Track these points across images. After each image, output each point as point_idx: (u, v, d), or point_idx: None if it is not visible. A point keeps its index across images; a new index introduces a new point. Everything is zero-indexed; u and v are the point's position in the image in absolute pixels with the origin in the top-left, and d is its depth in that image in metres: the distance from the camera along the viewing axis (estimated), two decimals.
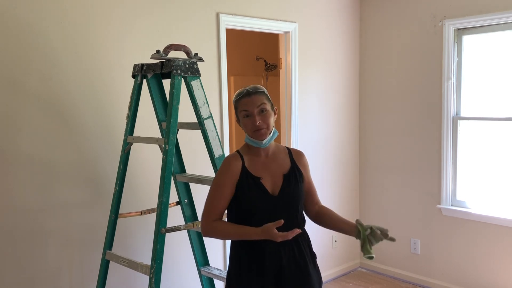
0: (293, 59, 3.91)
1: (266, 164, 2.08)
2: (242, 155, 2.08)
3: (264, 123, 1.99)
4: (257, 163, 2.07)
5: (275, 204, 2.02)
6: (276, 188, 2.04)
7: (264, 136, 2.01)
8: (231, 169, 2.04)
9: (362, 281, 4.41)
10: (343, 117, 4.45)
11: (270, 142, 2.06)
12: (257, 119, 1.98)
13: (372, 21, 4.42)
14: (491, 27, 3.72)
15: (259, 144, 2.03)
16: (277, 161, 2.10)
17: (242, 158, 2.06)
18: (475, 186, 3.95)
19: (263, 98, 2.01)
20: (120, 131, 2.78)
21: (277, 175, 2.06)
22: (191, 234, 2.76)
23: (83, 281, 2.82)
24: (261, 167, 2.06)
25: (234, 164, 2.05)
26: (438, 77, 3.99)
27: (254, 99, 2.00)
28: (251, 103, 1.99)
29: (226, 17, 3.41)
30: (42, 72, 2.61)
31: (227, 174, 2.04)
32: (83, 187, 2.80)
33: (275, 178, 2.06)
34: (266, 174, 2.05)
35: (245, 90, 2.03)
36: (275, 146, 2.14)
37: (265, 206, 2.01)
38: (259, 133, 2.00)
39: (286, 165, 2.10)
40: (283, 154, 2.14)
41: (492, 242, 3.80)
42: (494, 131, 3.82)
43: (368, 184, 4.60)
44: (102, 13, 2.81)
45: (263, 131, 2.00)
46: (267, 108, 2.01)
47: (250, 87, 2.04)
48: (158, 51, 2.33)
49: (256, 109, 1.99)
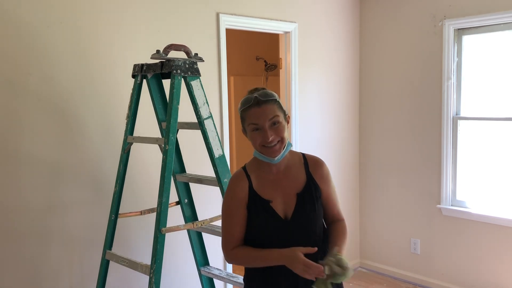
0: (293, 59, 3.91)
1: (277, 182, 1.82)
2: (249, 173, 1.84)
3: (277, 136, 1.73)
4: (267, 182, 1.83)
5: (289, 230, 1.78)
6: (289, 210, 1.79)
7: (277, 152, 1.75)
8: (237, 194, 1.82)
9: (362, 281, 4.41)
10: (343, 117, 4.45)
11: (283, 156, 1.80)
12: (270, 134, 1.71)
13: (372, 21, 4.42)
14: (491, 27, 3.72)
15: (270, 160, 1.78)
16: (290, 176, 1.83)
17: (249, 177, 1.83)
18: (475, 186, 3.95)
19: (275, 108, 1.73)
20: (120, 131, 2.78)
21: (290, 195, 1.81)
22: (191, 234, 2.76)
23: (83, 281, 2.82)
24: (271, 186, 1.82)
25: (239, 186, 1.82)
26: (438, 77, 3.99)
27: (265, 110, 1.71)
28: (261, 115, 1.70)
29: (226, 17, 3.40)
30: (43, 72, 2.61)
31: (233, 201, 1.83)
32: (83, 187, 2.80)
33: (288, 199, 1.80)
34: (277, 195, 1.81)
35: (253, 98, 1.72)
36: (289, 157, 1.87)
37: (277, 233, 1.78)
38: (271, 150, 1.74)
39: (300, 181, 1.83)
40: (297, 166, 1.86)
41: (492, 242, 3.80)
42: (494, 131, 3.82)
43: (368, 184, 4.60)
44: (102, 13, 2.81)
45: (276, 147, 1.74)
46: (280, 120, 1.73)
47: (260, 94, 1.73)
48: (158, 51, 2.33)
49: (267, 122, 1.71)
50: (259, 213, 1.80)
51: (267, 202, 1.80)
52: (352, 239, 4.66)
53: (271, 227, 1.79)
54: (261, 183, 1.83)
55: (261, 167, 1.85)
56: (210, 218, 2.44)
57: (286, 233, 1.78)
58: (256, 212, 1.80)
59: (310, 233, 1.81)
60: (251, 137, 1.78)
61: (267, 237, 1.79)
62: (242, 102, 1.77)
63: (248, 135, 1.79)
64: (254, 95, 1.74)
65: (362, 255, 4.72)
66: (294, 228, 1.78)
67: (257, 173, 1.85)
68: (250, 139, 1.79)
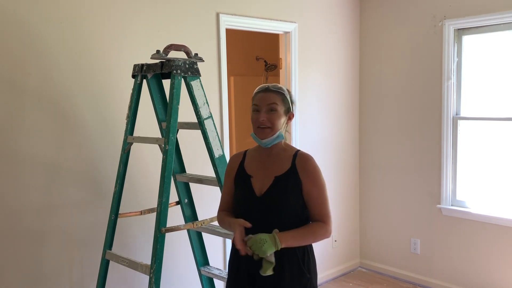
0: (293, 59, 3.91)
1: (264, 164, 2.02)
2: (247, 153, 2.11)
3: (268, 121, 1.94)
4: (256, 162, 2.05)
5: (257, 206, 1.95)
6: (264, 189, 1.97)
7: (265, 135, 1.96)
8: (230, 165, 2.13)
9: (362, 281, 4.41)
10: (343, 117, 4.45)
11: (272, 143, 1.99)
12: (263, 116, 1.94)
13: (372, 21, 4.42)
14: (491, 27, 3.72)
15: (259, 142, 2.00)
16: (276, 162, 2.01)
17: (245, 156, 2.10)
18: (475, 186, 3.95)
19: (278, 98, 1.96)
20: (120, 131, 2.78)
21: (270, 176, 1.98)
22: (191, 234, 2.76)
23: (83, 281, 2.82)
24: (257, 166, 2.03)
25: (233, 160, 2.12)
26: (438, 77, 3.99)
27: (268, 96, 1.96)
28: (263, 99, 1.96)
29: (226, 17, 3.41)
30: (42, 72, 2.61)
31: (227, 170, 2.14)
32: (83, 187, 2.80)
33: (267, 179, 1.98)
34: (259, 174, 2.01)
35: (265, 86, 2.00)
36: (283, 148, 2.04)
37: (247, 206, 1.98)
38: (261, 131, 1.96)
39: (283, 168, 1.98)
40: (287, 157, 2.01)
41: (492, 242, 3.80)
42: (494, 131, 3.82)
43: (368, 184, 4.60)
44: (102, 13, 2.81)
45: (266, 130, 1.95)
46: (277, 108, 1.95)
47: (272, 85, 2.01)
48: (158, 51, 2.33)
49: (265, 107, 1.95)
50: (239, 185, 2.04)
51: (248, 177, 2.02)
52: (352, 239, 4.66)
53: (245, 201, 2.00)
54: (250, 162, 2.07)
55: (257, 150, 2.09)
56: (210, 218, 2.44)
57: (257, 209, 1.95)
58: (238, 184, 2.05)
59: (279, 215, 1.93)
60: (251, 117, 2.01)
61: (242, 209, 1.99)
62: (257, 88, 2.04)
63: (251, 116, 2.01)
64: (268, 84, 2.01)
65: (362, 255, 4.72)
66: (263, 206, 1.94)
67: (252, 154, 2.10)
68: (251, 121, 2.01)
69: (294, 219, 1.95)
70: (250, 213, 1.95)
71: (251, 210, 1.96)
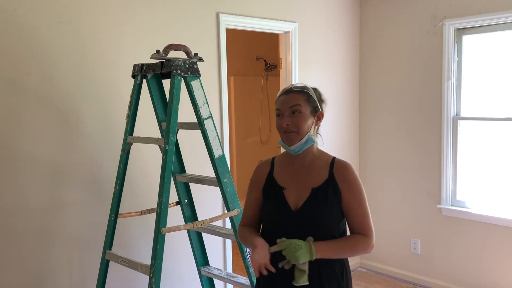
0: (293, 59, 3.91)
1: (297, 174, 1.85)
2: (275, 161, 1.93)
3: (293, 125, 1.78)
4: (287, 171, 1.87)
5: (294, 220, 1.77)
6: (300, 202, 1.79)
7: (292, 141, 1.79)
8: (256, 175, 1.94)
9: (362, 281, 4.41)
10: (343, 117, 4.45)
11: (302, 149, 1.82)
12: (286, 120, 1.78)
13: (372, 21, 4.42)
14: (491, 27, 3.72)
15: (288, 149, 1.83)
16: (312, 172, 1.83)
17: (273, 165, 1.92)
18: (475, 186, 3.95)
19: (301, 99, 1.80)
20: (120, 131, 2.78)
21: (306, 188, 1.80)
22: (191, 234, 2.76)
23: (83, 281, 2.82)
24: (290, 176, 1.85)
25: (260, 170, 1.93)
26: (438, 77, 3.99)
27: (290, 97, 1.80)
28: (285, 101, 1.80)
29: (226, 17, 3.40)
30: (42, 72, 2.61)
31: (252, 180, 1.95)
32: (83, 187, 2.80)
33: (302, 191, 1.80)
34: (292, 185, 1.83)
35: (288, 87, 1.85)
36: (316, 155, 1.88)
37: (281, 220, 1.79)
38: (286, 137, 1.79)
39: (320, 178, 1.81)
40: (323, 165, 1.85)
41: (492, 242, 3.80)
42: (494, 131, 3.82)
43: (368, 184, 4.60)
44: (102, 13, 2.81)
45: (292, 135, 1.78)
46: (301, 110, 1.78)
47: (294, 85, 1.86)
48: (158, 51, 2.33)
49: (288, 110, 1.79)
50: (270, 198, 1.85)
51: (280, 189, 1.83)
52: None
53: (278, 214, 1.81)
54: (281, 172, 1.88)
55: (286, 158, 1.91)
56: (210, 218, 2.44)
57: (293, 223, 1.77)
58: (268, 196, 1.86)
59: (318, 230, 1.76)
60: (276, 123, 1.85)
61: (274, 224, 1.81)
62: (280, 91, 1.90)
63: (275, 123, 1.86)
64: (291, 85, 1.86)
65: (362, 255, 4.72)
66: (301, 220, 1.77)
67: (282, 163, 1.91)
68: (276, 128, 1.86)
69: (332, 233, 1.80)
70: (285, 229, 1.77)
71: (285, 225, 1.78)
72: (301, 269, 1.69)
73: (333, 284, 1.81)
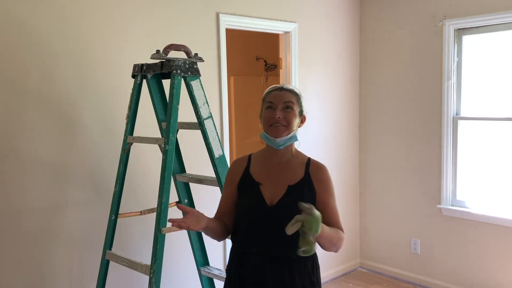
0: (293, 59, 3.91)
1: (274, 171, 1.89)
2: (252, 158, 1.97)
3: (284, 119, 1.84)
4: (264, 168, 1.91)
5: (269, 216, 1.82)
6: (275, 198, 1.84)
7: (280, 133, 1.84)
8: (232, 170, 1.98)
9: (362, 281, 4.41)
10: (343, 117, 4.45)
11: (286, 144, 1.88)
12: (279, 113, 1.84)
13: (372, 21, 4.42)
14: (491, 27, 3.72)
15: (272, 142, 1.86)
16: (288, 170, 1.89)
17: (249, 161, 1.96)
18: (475, 186, 3.95)
19: (293, 97, 1.88)
20: (120, 131, 2.78)
21: (282, 185, 1.86)
22: (191, 234, 2.76)
23: (83, 281, 2.82)
24: (266, 172, 1.90)
25: (236, 165, 1.97)
26: (438, 77, 3.99)
27: (284, 94, 1.88)
28: (279, 96, 1.87)
29: (226, 17, 3.40)
30: (42, 72, 2.61)
31: (228, 176, 2.00)
32: (83, 187, 2.80)
33: (278, 187, 1.86)
34: (269, 181, 1.87)
35: (279, 85, 1.94)
36: (293, 155, 1.94)
37: (257, 215, 1.84)
38: (275, 129, 1.84)
39: (297, 176, 1.88)
40: (298, 164, 1.91)
41: (492, 242, 3.80)
42: (494, 131, 3.82)
43: (368, 184, 4.60)
44: (102, 13, 2.81)
45: (281, 127, 1.84)
46: (293, 107, 1.87)
47: (285, 85, 1.94)
48: (158, 51, 2.33)
49: (281, 104, 1.85)
50: (246, 193, 1.89)
51: (256, 184, 1.88)
52: (352, 239, 4.66)
53: (254, 209, 1.85)
54: (257, 168, 1.93)
55: (264, 155, 1.95)
56: None
57: (268, 219, 1.82)
58: (244, 192, 1.90)
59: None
60: (264, 116, 1.88)
61: (250, 219, 1.84)
62: (269, 88, 1.95)
63: (262, 115, 1.90)
64: (282, 84, 1.95)
65: (362, 255, 4.72)
66: (276, 216, 1.81)
67: (259, 160, 1.95)
68: (262, 120, 1.89)
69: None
70: (259, 224, 1.83)
71: (261, 221, 1.83)
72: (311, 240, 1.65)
73: (305, 280, 1.86)
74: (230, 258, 1.99)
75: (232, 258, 1.96)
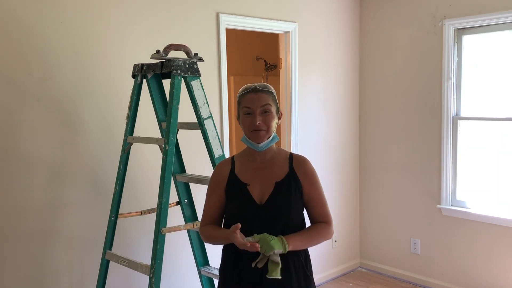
0: (293, 59, 3.91)
1: (259, 170, 1.92)
2: (235, 159, 1.99)
3: (264, 124, 1.85)
4: (249, 168, 1.94)
5: (261, 214, 1.85)
6: (265, 196, 1.87)
7: (261, 138, 1.86)
8: (217, 175, 1.98)
9: (362, 281, 4.42)
10: (343, 117, 4.45)
11: (268, 146, 1.91)
12: (258, 119, 1.84)
13: (372, 21, 4.42)
14: (491, 27, 3.72)
15: (255, 147, 1.89)
16: (273, 167, 1.93)
17: (233, 163, 1.97)
18: (475, 186, 3.95)
19: (269, 99, 1.87)
20: (120, 131, 2.78)
21: (269, 183, 1.89)
22: (191, 234, 2.76)
23: (83, 281, 2.82)
24: (252, 173, 1.92)
25: (221, 169, 1.98)
26: (438, 77, 3.99)
27: (260, 97, 1.85)
28: (255, 100, 1.85)
29: (226, 17, 3.41)
30: (42, 72, 2.61)
31: (213, 180, 1.99)
32: (83, 187, 2.80)
33: (266, 186, 1.89)
34: (256, 181, 1.90)
35: (253, 86, 1.89)
36: (276, 151, 1.97)
37: (249, 215, 1.86)
38: (257, 134, 1.86)
39: (282, 172, 1.91)
40: (282, 160, 1.95)
41: (492, 242, 3.80)
42: (494, 131, 3.82)
43: (368, 184, 4.60)
44: (102, 13, 2.81)
45: (262, 133, 1.86)
46: (271, 109, 1.87)
47: (259, 84, 1.90)
48: (158, 51, 2.33)
49: (259, 109, 1.84)
50: (235, 195, 1.91)
51: (244, 185, 1.90)
52: (352, 239, 4.66)
53: (244, 210, 1.88)
54: (243, 169, 1.95)
55: (247, 155, 1.97)
56: None
57: (259, 218, 1.85)
58: (233, 194, 1.92)
59: (284, 222, 1.86)
60: (242, 121, 1.90)
61: (240, 219, 1.84)
62: (241, 88, 1.92)
63: (240, 119, 1.91)
64: (254, 85, 1.90)
65: (362, 255, 4.72)
66: (267, 214, 1.85)
67: (242, 161, 1.97)
68: (242, 124, 1.91)
69: (297, 224, 1.91)
70: (252, 223, 1.84)
71: (252, 220, 1.85)
72: (275, 262, 1.77)
73: (299, 273, 1.90)
74: (222, 260, 2.00)
75: (225, 259, 1.99)
